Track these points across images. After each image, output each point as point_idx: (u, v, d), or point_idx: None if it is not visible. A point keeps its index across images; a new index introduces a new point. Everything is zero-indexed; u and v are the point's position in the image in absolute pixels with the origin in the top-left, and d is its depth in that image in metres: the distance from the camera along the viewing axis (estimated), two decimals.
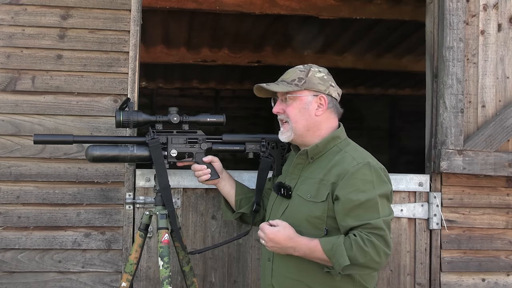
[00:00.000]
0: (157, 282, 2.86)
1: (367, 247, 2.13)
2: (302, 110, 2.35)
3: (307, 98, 2.35)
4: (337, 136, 2.37)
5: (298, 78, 2.35)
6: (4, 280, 2.83)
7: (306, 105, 2.35)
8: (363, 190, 2.20)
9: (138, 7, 2.94)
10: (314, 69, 2.39)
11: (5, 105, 2.85)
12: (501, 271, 3.16)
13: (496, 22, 3.16)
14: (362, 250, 2.13)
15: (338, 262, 2.13)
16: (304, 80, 2.35)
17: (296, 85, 2.34)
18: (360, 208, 2.18)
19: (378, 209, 2.19)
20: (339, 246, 2.14)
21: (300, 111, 2.35)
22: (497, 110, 3.13)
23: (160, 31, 6.02)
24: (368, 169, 2.24)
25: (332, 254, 2.14)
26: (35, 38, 2.88)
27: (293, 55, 6.79)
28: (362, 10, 5.21)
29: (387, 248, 2.17)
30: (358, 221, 2.17)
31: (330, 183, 2.25)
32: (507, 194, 3.17)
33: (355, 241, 2.13)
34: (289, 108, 2.36)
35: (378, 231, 2.16)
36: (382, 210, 2.20)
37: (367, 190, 2.20)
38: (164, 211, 2.53)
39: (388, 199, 2.28)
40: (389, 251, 2.18)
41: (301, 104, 2.35)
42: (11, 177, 2.84)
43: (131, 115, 2.54)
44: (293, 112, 2.35)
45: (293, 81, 2.35)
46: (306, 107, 2.35)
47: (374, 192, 2.20)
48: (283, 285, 2.33)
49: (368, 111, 9.17)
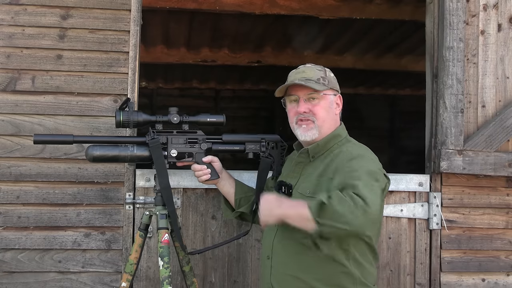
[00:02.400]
0: (157, 282, 2.86)
1: (345, 196, 2.04)
2: (328, 110, 2.38)
3: (330, 98, 2.39)
4: (338, 134, 2.39)
5: (321, 77, 2.37)
6: (4, 280, 2.83)
7: (331, 104, 2.39)
8: (355, 169, 2.18)
9: (138, 7, 2.94)
10: (326, 69, 2.43)
11: (5, 105, 2.86)
12: (501, 271, 3.16)
13: (496, 22, 3.16)
14: (339, 197, 2.03)
15: (316, 201, 2.04)
16: (327, 80, 2.38)
17: (323, 84, 2.36)
18: (344, 177, 2.16)
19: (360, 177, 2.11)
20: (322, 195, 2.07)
21: (326, 110, 2.38)
22: (497, 110, 3.13)
23: (160, 31, 6.02)
24: (365, 157, 2.26)
25: (313, 203, 2.05)
26: (35, 38, 2.88)
27: (293, 55, 6.79)
28: (362, 10, 5.21)
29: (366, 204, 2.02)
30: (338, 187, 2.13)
31: (328, 178, 2.25)
32: (507, 194, 3.17)
33: (335, 193, 2.06)
34: (317, 107, 2.36)
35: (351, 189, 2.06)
36: (366, 184, 2.10)
37: (359, 168, 2.18)
38: (164, 211, 2.53)
39: (377, 181, 2.18)
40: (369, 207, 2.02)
41: (327, 103, 2.38)
42: (11, 177, 2.84)
43: (131, 115, 2.54)
44: (321, 111, 2.36)
45: (318, 80, 2.36)
46: (331, 106, 2.39)
47: (365, 168, 2.18)
48: (282, 282, 2.33)
49: (368, 111, 9.16)
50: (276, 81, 2.58)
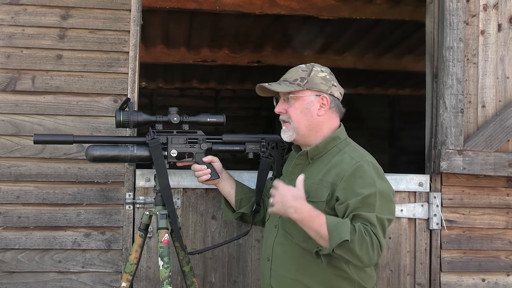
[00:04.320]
0: (157, 282, 2.86)
1: (366, 236, 2.08)
2: (304, 110, 2.33)
3: (309, 98, 2.34)
4: (337, 136, 2.37)
5: (300, 77, 2.34)
6: (4, 280, 2.83)
7: (308, 105, 2.33)
8: (363, 186, 2.18)
9: (138, 7, 2.94)
10: (316, 68, 2.37)
11: (5, 105, 2.85)
12: (501, 271, 3.16)
13: (496, 22, 3.16)
14: (362, 237, 2.07)
15: (339, 235, 2.05)
16: (307, 80, 2.33)
17: (298, 85, 2.33)
18: (359, 203, 2.15)
19: (375, 205, 2.15)
20: (346, 223, 2.09)
21: (302, 111, 2.34)
22: (497, 110, 3.13)
23: (160, 31, 6.02)
24: (368, 166, 2.23)
25: (335, 227, 2.08)
26: (35, 38, 2.88)
27: (293, 55, 6.79)
28: (362, 10, 5.21)
29: (380, 247, 2.12)
30: (353, 213, 2.14)
31: (329, 183, 2.24)
32: (507, 194, 3.17)
33: (358, 227, 2.09)
34: (291, 108, 2.35)
35: (370, 226, 2.11)
36: (379, 207, 2.16)
37: (368, 186, 2.18)
38: (164, 211, 2.53)
39: (389, 198, 2.24)
40: (382, 250, 2.13)
41: (303, 104, 2.34)
42: (11, 177, 2.84)
43: (131, 115, 2.54)
44: (295, 113, 2.34)
45: (295, 80, 2.34)
46: (308, 107, 2.33)
47: (375, 188, 2.18)
48: (282, 285, 2.33)
49: (368, 111, 9.17)
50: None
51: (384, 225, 2.17)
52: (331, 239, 2.07)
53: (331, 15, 5.20)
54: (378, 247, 2.11)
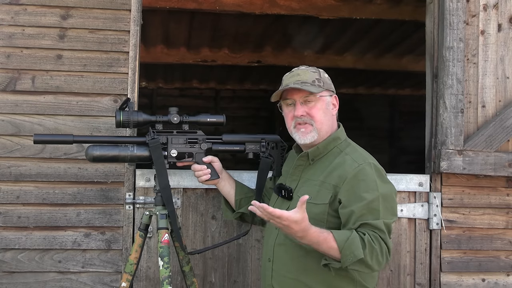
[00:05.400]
0: (157, 282, 2.86)
1: (375, 244, 2.12)
2: (326, 111, 2.37)
3: (327, 99, 2.37)
4: (337, 137, 2.38)
5: (316, 79, 2.36)
6: (4, 280, 2.83)
7: (327, 106, 2.37)
8: (366, 190, 2.19)
9: (138, 7, 2.94)
10: (321, 70, 2.42)
11: (5, 105, 2.85)
12: (501, 271, 3.16)
13: (496, 22, 3.15)
14: (372, 247, 2.11)
15: (352, 253, 2.08)
16: (322, 81, 2.36)
17: (318, 86, 2.35)
18: (363, 209, 2.17)
19: (379, 210, 2.18)
20: (355, 239, 2.10)
21: (324, 112, 2.36)
22: (497, 110, 3.13)
23: (160, 31, 6.02)
24: (370, 169, 2.24)
25: (347, 245, 2.09)
26: (35, 38, 2.88)
27: (293, 55, 6.79)
28: (362, 10, 5.21)
29: (388, 251, 2.17)
30: (359, 221, 2.16)
31: (331, 185, 2.25)
32: (507, 194, 3.17)
33: (367, 239, 2.11)
34: (314, 110, 2.34)
35: (378, 232, 2.15)
36: (383, 211, 2.19)
37: (370, 190, 2.19)
38: (164, 211, 2.53)
39: (392, 200, 2.26)
40: (390, 254, 2.17)
41: (324, 105, 2.36)
42: (11, 177, 2.84)
43: (131, 115, 2.54)
44: (318, 113, 2.35)
45: (313, 82, 2.35)
46: (327, 107, 2.37)
47: (377, 192, 2.20)
48: (283, 285, 2.33)
49: (368, 111, 9.17)
50: (276, 81, 2.57)
51: (390, 228, 2.22)
52: (344, 257, 2.09)
53: (331, 15, 5.20)
54: (387, 252, 2.15)
